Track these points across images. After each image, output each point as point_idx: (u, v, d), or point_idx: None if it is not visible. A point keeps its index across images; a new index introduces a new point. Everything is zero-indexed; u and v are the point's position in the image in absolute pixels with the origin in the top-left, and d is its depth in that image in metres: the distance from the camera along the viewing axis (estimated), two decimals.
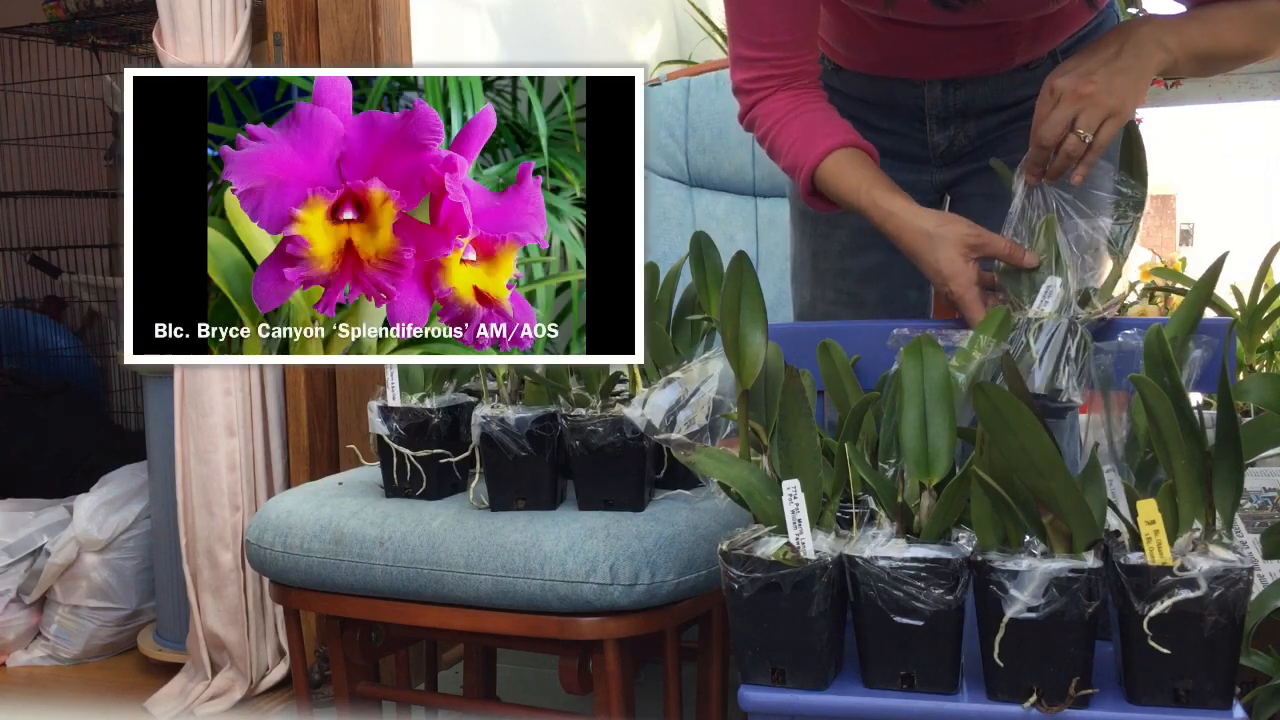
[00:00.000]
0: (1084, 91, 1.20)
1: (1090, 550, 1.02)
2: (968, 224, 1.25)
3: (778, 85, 1.36)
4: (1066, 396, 1.17)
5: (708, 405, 1.29)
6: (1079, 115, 1.20)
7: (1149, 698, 1.02)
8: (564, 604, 1.34)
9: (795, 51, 1.35)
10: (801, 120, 1.35)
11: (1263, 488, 1.79)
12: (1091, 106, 1.20)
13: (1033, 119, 1.25)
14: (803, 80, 1.37)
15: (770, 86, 1.37)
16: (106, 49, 3.23)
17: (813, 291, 1.56)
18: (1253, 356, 1.85)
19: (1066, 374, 1.17)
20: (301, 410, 2.18)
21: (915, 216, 1.26)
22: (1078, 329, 1.18)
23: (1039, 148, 1.23)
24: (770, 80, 1.36)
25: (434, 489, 1.50)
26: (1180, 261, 2.61)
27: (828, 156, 1.32)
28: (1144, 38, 1.23)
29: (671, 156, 2.24)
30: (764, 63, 1.36)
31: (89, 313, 3.54)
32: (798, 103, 1.36)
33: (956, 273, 1.24)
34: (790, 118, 1.36)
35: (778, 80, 1.36)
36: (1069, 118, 1.21)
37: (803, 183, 1.35)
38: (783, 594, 1.06)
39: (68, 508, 2.57)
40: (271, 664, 2.20)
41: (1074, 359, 1.17)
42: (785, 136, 1.36)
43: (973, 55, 1.40)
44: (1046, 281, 1.21)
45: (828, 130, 1.34)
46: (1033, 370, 1.17)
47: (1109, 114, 1.20)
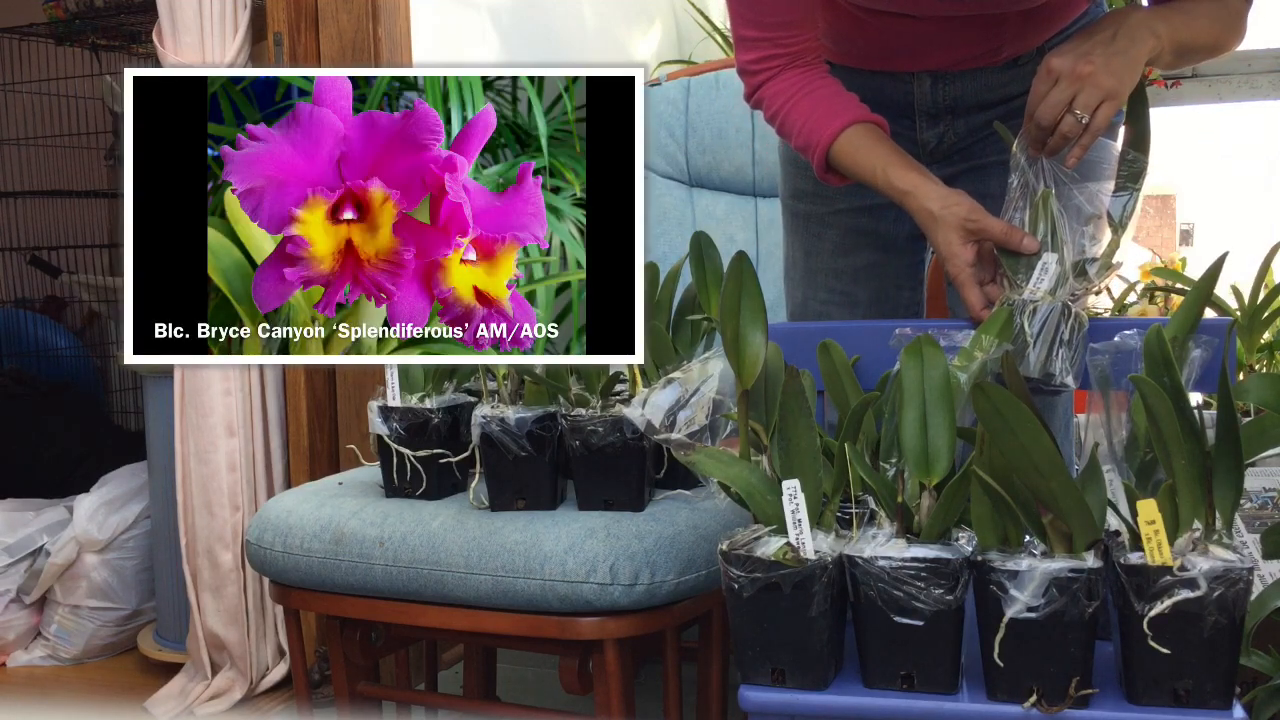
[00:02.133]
0: (1082, 72, 1.21)
1: (1090, 550, 1.02)
2: (970, 206, 1.26)
3: (782, 65, 1.37)
4: (1060, 380, 1.17)
5: (708, 405, 1.29)
6: (1077, 95, 1.22)
7: (1149, 698, 1.02)
8: (564, 604, 1.34)
9: (796, 30, 1.36)
10: (811, 99, 1.36)
11: (1263, 488, 1.79)
12: (1090, 87, 1.21)
13: (1029, 97, 1.26)
14: (806, 57, 1.38)
15: (775, 66, 1.37)
16: (106, 49, 3.23)
17: (805, 291, 1.57)
18: (1253, 356, 1.85)
19: (1060, 357, 1.17)
20: (301, 410, 2.18)
21: (924, 197, 1.28)
22: (1071, 312, 1.19)
23: (1038, 127, 1.24)
24: (774, 60, 1.37)
25: (434, 489, 1.50)
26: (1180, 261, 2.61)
27: (841, 134, 1.33)
28: (1137, 23, 1.25)
29: (671, 156, 2.24)
30: (767, 42, 1.37)
31: (89, 313, 3.54)
32: (804, 81, 1.37)
33: (953, 255, 1.25)
34: (799, 96, 1.36)
35: (781, 59, 1.37)
36: (1067, 98, 1.22)
37: (817, 161, 1.36)
38: (783, 594, 1.06)
39: (68, 508, 2.57)
40: (271, 664, 2.20)
41: (1068, 342, 1.18)
42: (796, 115, 1.37)
43: (961, 46, 1.41)
44: (1043, 258, 1.22)
45: (838, 107, 1.35)
46: (1027, 353, 1.17)
47: (1106, 95, 1.22)
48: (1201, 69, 2.82)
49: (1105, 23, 1.26)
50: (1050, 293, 1.19)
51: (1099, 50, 1.23)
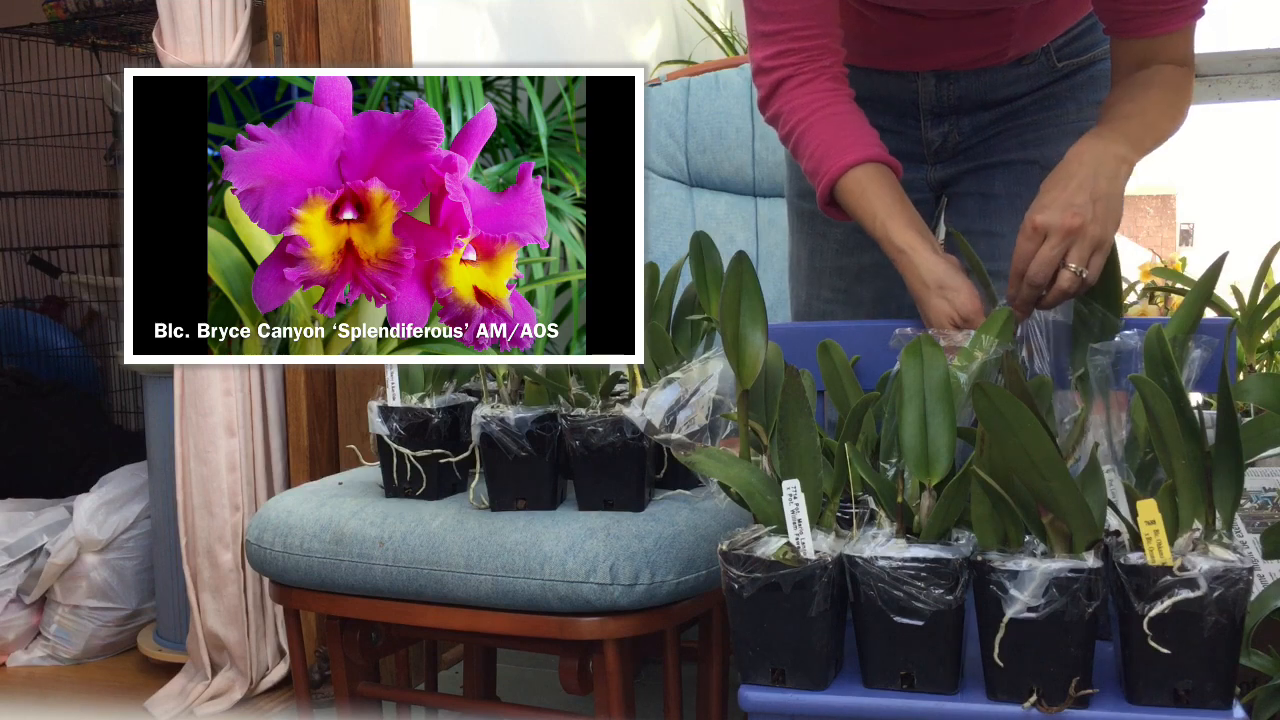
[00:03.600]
0: (1071, 226, 1.17)
1: (1090, 550, 1.02)
2: (967, 295, 1.22)
3: (799, 62, 1.32)
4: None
5: (708, 405, 1.29)
6: (1070, 250, 1.18)
7: (1149, 698, 1.02)
8: (564, 604, 1.34)
9: (813, 20, 1.31)
10: (827, 125, 1.32)
11: (1263, 488, 1.79)
12: (1081, 240, 1.18)
13: (1014, 256, 1.21)
14: (825, 59, 1.32)
15: (791, 64, 1.32)
16: (106, 49, 3.23)
17: (808, 290, 1.56)
18: (1253, 356, 1.85)
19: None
20: (301, 410, 2.18)
21: (922, 265, 1.24)
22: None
23: (1030, 286, 1.20)
24: (791, 56, 1.32)
25: (434, 489, 1.50)
26: (1180, 261, 2.60)
27: (849, 171, 1.29)
28: (1105, 158, 1.21)
29: (671, 156, 2.24)
30: (783, 35, 1.32)
31: (89, 313, 3.54)
32: (823, 101, 1.32)
33: (933, 323, 1.24)
34: (816, 120, 1.32)
35: (798, 56, 1.32)
36: (1059, 254, 1.18)
37: (821, 193, 1.32)
38: (783, 594, 1.06)
39: (68, 508, 2.57)
40: (271, 664, 2.20)
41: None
42: (810, 140, 1.32)
43: (968, 45, 1.40)
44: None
45: (853, 140, 1.31)
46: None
47: (1097, 245, 1.18)
48: (1201, 69, 2.82)
49: (1073, 168, 1.21)
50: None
51: (1081, 199, 1.18)
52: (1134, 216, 11.87)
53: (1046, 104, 1.44)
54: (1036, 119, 1.44)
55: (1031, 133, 1.43)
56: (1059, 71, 1.43)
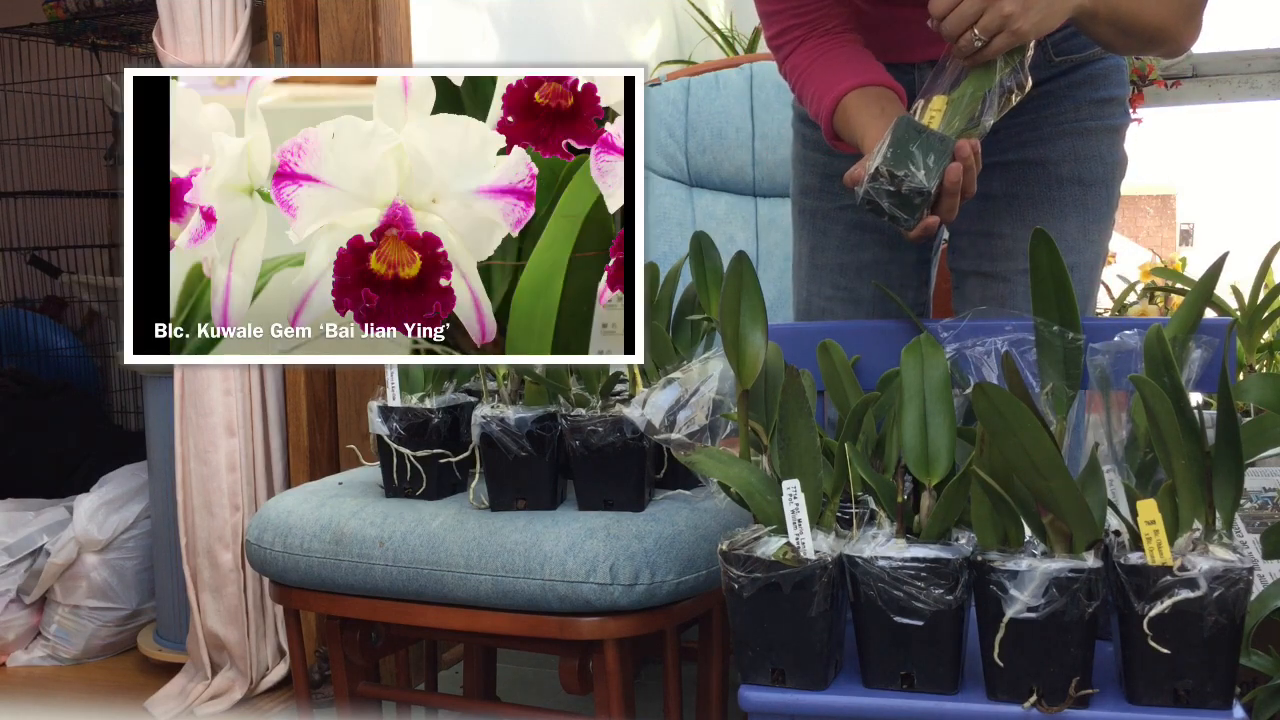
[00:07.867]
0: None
1: (1090, 550, 1.02)
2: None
3: (803, 35, 1.37)
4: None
5: (708, 405, 1.29)
6: (982, 15, 1.17)
7: (1149, 698, 1.02)
8: (564, 604, 1.34)
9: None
10: (819, 65, 1.36)
11: (1263, 488, 1.79)
12: (994, 10, 1.16)
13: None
14: (827, 24, 1.37)
15: (796, 37, 1.37)
16: (106, 49, 3.23)
17: (810, 288, 1.56)
18: (1253, 356, 1.85)
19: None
20: (301, 410, 2.18)
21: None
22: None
23: (941, 32, 1.20)
24: (795, 30, 1.37)
25: (434, 489, 1.50)
26: (1180, 261, 2.60)
27: (839, 104, 1.32)
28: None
29: (671, 156, 2.24)
30: (785, 13, 1.37)
31: (89, 313, 3.54)
32: (819, 51, 1.36)
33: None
34: (810, 68, 1.36)
35: (801, 29, 1.37)
36: (974, 13, 1.17)
37: (825, 132, 1.36)
38: (783, 594, 1.06)
39: (68, 508, 2.57)
40: (271, 664, 2.20)
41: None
42: (807, 89, 1.37)
43: None
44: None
45: (846, 72, 1.34)
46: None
47: (1006, 26, 1.17)
48: (1201, 69, 2.82)
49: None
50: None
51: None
52: (1134, 216, 11.87)
53: (1044, 102, 1.43)
54: (1034, 118, 1.43)
55: (1029, 132, 1.43)
56: (1056, 67, 1.43)
